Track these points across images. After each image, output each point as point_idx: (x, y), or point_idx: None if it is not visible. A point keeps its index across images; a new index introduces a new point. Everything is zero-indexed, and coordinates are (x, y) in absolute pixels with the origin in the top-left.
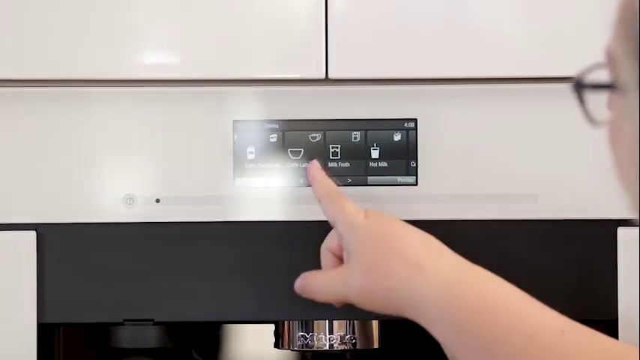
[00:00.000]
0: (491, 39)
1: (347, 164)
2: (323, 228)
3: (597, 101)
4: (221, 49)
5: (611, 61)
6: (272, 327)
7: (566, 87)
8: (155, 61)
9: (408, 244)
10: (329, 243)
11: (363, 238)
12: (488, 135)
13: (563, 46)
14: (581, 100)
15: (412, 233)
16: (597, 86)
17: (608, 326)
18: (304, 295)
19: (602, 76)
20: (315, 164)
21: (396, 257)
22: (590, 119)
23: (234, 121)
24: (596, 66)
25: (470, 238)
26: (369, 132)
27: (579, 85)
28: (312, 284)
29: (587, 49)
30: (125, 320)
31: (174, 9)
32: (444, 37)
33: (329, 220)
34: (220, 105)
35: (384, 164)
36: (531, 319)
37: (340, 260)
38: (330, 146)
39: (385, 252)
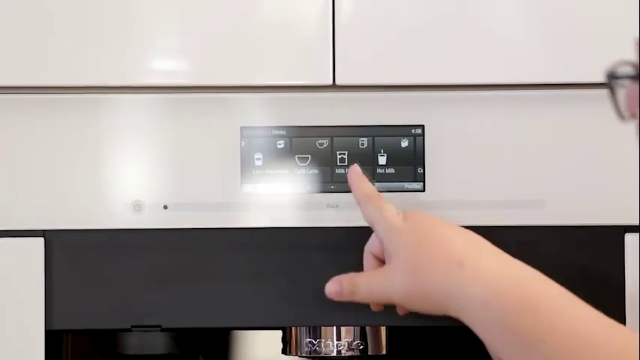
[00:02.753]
0: (499, 45)
1: None
2: (331, 234)
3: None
4: (229, 56)
5: None
6: (279, 333)
7: (574, 93)
8: (163, 68)
9: (450, 242)
10: (371, 245)
11: (404, 240)
12: (495, 141)
13: (571, 53)
14: (613, 93)
15: (454, 231)
16: (630, 77)
17: None
18: (342, 298)
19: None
20: (356, 168)
21: (439, 256)
22: (620, 113)
23: (241, 127)
24: (628, 61)
25: None
26: (376, 138)
27: (612, 77)
28: (356, 284)
29: (595, 55)
30: (133, 326)
31: (184, 16)
32: (452, 44)
33: (367, 222)
34: (228, 111)
35: (391, 170)
36: (575, 319)
37: (382, 263)
38: (338, 152)
39: (427, 252)
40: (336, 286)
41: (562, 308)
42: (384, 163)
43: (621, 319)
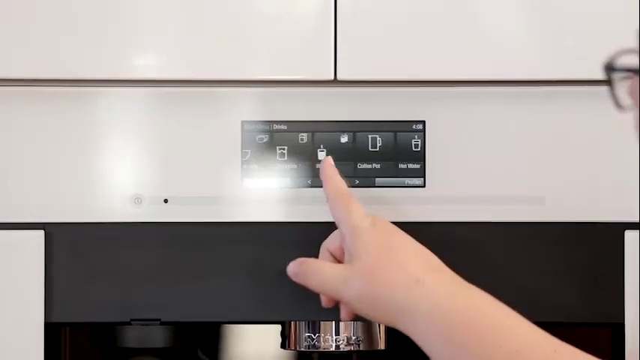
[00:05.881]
0: (501, 42)
1: (354, 166)
2: (331, 229)
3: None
4: (230, 50)
5: None
6: (278, 327)
7: (575, 90)
8: (164, 62)
9: (411, 258)
10: (330, 242)
11: (368, 244)
12: (497, 137)
13: (571, 49)
14: (611, 84)
15: (416, 248)
16: (629, 70)
17: (615, 329)
18: (297, 279)
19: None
20: (329, 161)
21: (398, 268)
22: (618, 104)
23: (242, 121)
24: (628, 50)
25: (477, 241)
26: (377, 133)
27: (610, 68)
28: (312, 269)
29: (596, 51)
30: (132, 320)
31: (183, 9)
32: (454, 39)
33: (334, 219)
34: (229, 105)
35: (391, 166)
36: (522, 339)
37: (337, 261)
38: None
39: (388, 260)
40: (296, 267)
41: (510, 327)
42: (385, 158)
43: (620, 316)
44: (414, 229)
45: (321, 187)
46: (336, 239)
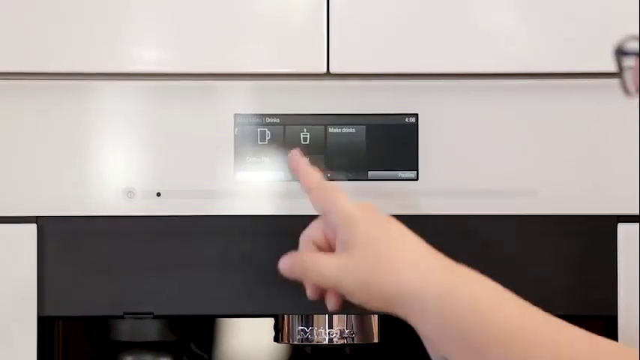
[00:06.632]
0: (493, 34)
1: (347, 159)
2: None
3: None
4: (222, 43)
5: None
6: (271, 321)
7: (567, 82)
8: (156, 55)
9: (409, 243)
10: (312, 233)
11: (363, 230)
12: (489, 130)
13: (564, 42)
14: (620, 68)
15: (410, 233)
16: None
17: (608, 322)
18: (292, 274)
19: None
20: (296, 153)
21: (398, 255)
22: (626, 89)
23: (235, 114)
24: (635, 36)
25: (470, 233)
26: (370, 126)
27: (620, 52)
28: (309, 262)
29: (586, 45)
30: (125, 313)
31: (175, 2)
32: (447, 32)
33: (319, 210)
34: (221, 99)
35: (384, 159)
36: (512, 313)
37: (322, 250)
38: (331, 141)
39: (388, 248)
40: (288, 262)
41: (507, 306)
42: (378, 151)
43: (613, 308)
44: (407, 222)
45: None
46: (318, 230)
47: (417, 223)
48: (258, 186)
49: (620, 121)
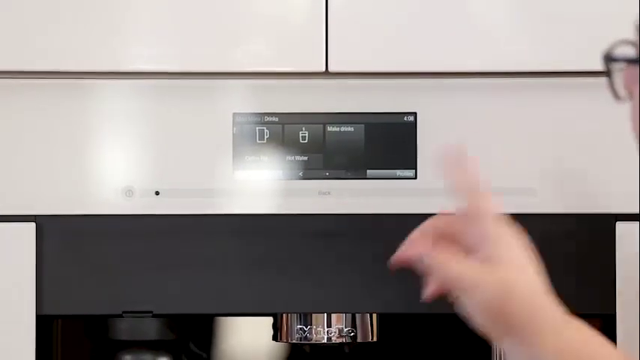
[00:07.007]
0: (491, 34)
1: (346, 158)
2: (323, 221)
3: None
4: (221, 42)
5: None
6: (270, 319)
7: (567, 81)
8: (155, 54)
9: (535, 263)
10: (443, 225)
11: (511, 254)
12: (488, 129)
13: (563, 41)
14: (609, 74)
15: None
16: (627, 60)
17: (607, 321)
18: (420, 267)
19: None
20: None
21: (533, 283)
22: (615, 94)
23: (233, 113)
24: (626, 41)
25: None
26: (368, 125)
27: (609, 58)
28: (451, 263)
29: (584, 43)
30: (124, 312)
31: (174, 1)
32: (445, 32)
33: (470, 214)
34: (220, 98)
35: (383, 158)
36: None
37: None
38: (330, 140)
39: (525, 272)
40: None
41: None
42: (377, 150)
43: (612, 307)
44: (406, 221)
45: (312, 179)
46: (452, 225)
47: (416, 223)
48: (257, 185)
49: (620, 120)
